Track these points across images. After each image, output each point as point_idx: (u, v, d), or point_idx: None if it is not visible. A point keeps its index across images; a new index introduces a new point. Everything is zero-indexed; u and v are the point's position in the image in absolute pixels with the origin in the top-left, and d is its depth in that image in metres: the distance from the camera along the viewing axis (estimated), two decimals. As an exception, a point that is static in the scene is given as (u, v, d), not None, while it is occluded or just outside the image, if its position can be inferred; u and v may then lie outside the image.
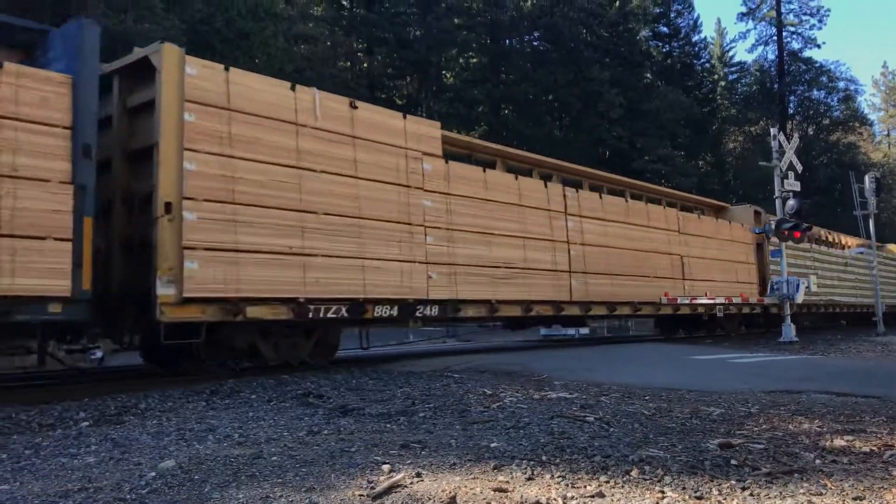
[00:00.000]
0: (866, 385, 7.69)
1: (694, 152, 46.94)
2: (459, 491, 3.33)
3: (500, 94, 39.26)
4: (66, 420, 5.82)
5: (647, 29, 49.15)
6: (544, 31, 39.44)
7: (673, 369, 9.55)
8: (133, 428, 5.33)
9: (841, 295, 23.79)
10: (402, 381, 7.95)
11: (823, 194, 47.33)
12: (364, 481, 3.57)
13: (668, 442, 4.47)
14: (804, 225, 17.05)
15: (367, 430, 5.03)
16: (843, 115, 57.43)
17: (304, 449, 4.35)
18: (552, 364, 9.47)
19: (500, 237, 11.84)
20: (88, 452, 4.51)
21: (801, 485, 3.47)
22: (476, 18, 39.40)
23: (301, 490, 3.44)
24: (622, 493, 3.33)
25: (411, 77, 39.79)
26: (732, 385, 7.67)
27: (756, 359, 11.59)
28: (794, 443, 4.51)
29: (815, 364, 10.99)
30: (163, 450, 4.48)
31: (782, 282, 17.09)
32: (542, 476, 3.61)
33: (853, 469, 3.80)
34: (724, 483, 3.48)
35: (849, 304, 24.61)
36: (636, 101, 40.32)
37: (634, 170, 34.14)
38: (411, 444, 4.43)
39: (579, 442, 4.46)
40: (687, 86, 47.64)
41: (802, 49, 54.90)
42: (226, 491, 3.46)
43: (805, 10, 54.62)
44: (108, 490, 3.53)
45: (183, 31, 23.07)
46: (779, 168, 17.63)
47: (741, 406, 6.15)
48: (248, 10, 25.11)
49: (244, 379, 8.22)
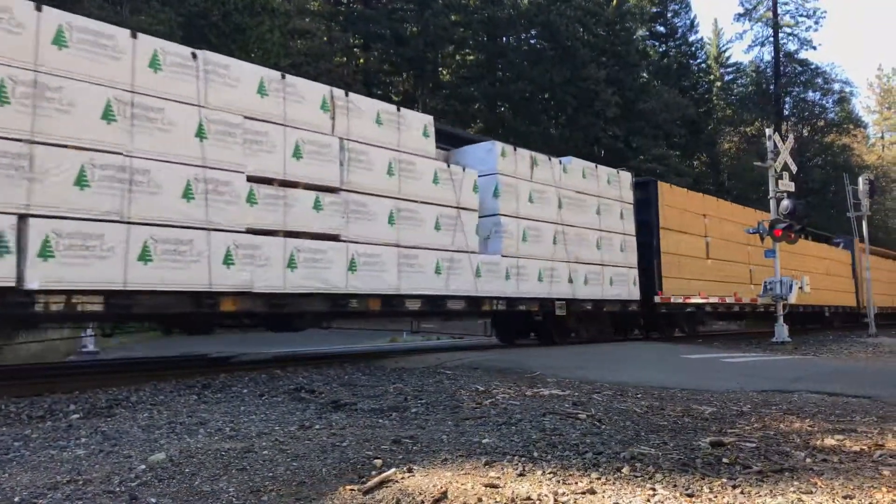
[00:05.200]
0: (857, 385, 7.72)
1: (689, 152, 47.06)
2: (450, 486, 3.32)
3: (497, 92, 39.23)
4: (56, 412, 5.79)
5: (643, 28, 49.21)
6: (541, 29, 39.40)
7: (666, 368, 9.57)
8: (124, 421, 5.30)
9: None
10: (394, 377, 7.94)
11: (817, 196, 47.50)
12: (355, 476, 3.56)
13: (659, 440, 4.47)
14: (798, 226, 17.09)
15: (359, 425, 5.02)
16: (838, 117, 57.72)
17: (296, 443, 4.34)
18: (545, 362, 9.47)
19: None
20: (78, 445, 4.48)
21: (792, 483, 3.47)
22: (473, 16, 39.33)
23: (292, 484, 3.43)
24: (613, 489, 3.33)
25: (408, 73, 39.72)
26: (725, 384, 7.69)
27: (748, 358, 11.62)
28: (785, 442, 4.52)
29: (806, 364, 11.03)
30: (153, 443, 4.46)
31: (775, 282, 17.13)
32: (533, 472, 3.60)
33: (843, 468, 3.81)
34: (715, 481, 3.48)
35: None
36: (632, 101, 40.36)
37: (629, 169, 34.11)
38: (403, 439, 4.42)
39: (571, 439, 4.46)
40: (683, 86, 47.71)
41: (798, 50, 55.24)
42: (216, 484, 3.45)
43: (801, 12, 54.95)
44: (98, 482, 3.51)
45: (179, 24, 22.99)
46: (773, 169, 17.67)
47: (733, 405, 6.16)
48: (244, 5, 25.01)
49: (236, 373, 8.20)
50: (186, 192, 7.66)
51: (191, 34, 22.54)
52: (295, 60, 27.66)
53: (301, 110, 9.01)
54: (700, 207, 18.29)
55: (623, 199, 15.12)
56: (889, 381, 8.43)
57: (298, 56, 28.94)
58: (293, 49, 29.26)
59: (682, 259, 16.96)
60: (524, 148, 13.12)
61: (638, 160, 38.07)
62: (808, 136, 53.82)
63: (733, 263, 19.34)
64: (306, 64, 28.25)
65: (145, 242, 7.25)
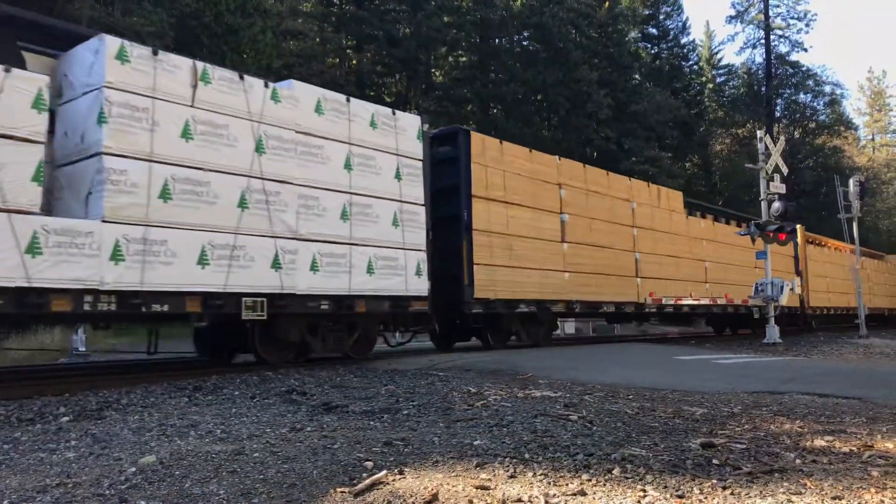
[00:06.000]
0: (847, 386, 7.75)
1: (681, 154, 47.18)
2: (441, 488, 3.32)
3: (489, 94, 39.29)
4: (46, 415, 5.76)
5: (635, 30, 49.40)
6: (533, 30, 39.47)
7: (657, 369, 9.59)
8: (114, 423, 5.29)
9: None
10: (386, 379, 7.93)
11: (809, 197, 47.73)
12: (346, 478, 3.56)
13: (650, 441, 4.48)
14: (789, 227, 17.17)
15: (351, 427, 5.02)
16: (829, 119, 58.01)
17: (287, 445, 4.33)
18: (537, 363, 9.48)
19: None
20: (68, 447, 4.47)
21: (782, 484, 3.49)
22: (466, 17, 39.37)
23: (283, 486, 3.43)
24: (604, 491, 3.34)
25: (400, 75, 39.71)
26: (716, 385, 7.71)
27: (740, 360, 11.66)
28: (776, 443, 4.53)
29: (797, 365, 11.07)
30: (144, 445, 4.45)
31: (766, 283, 17.20)
32: (524, 474, 3.61)
33: (833, 469, 3.82)
34: (705, 482, 3.49)
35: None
36: (624, 103, 40.47)
37: (622, 170, 34.15)
38: (394, 441, 4.42)
39: (562, 440, 4.47)
40: (675, 88, 47.88)
41: (790, 53, 55.49)
42: (207, 486, 3.44)
43: (793, 14, 55.18)
44: (87, 485, 3.49)
45: (171, 25, 22.95)
46: (765, 170, 17.74)
47: (724, 406, 6.18)
48: (236, 6, 24.99)
49: (227, 375, 8.18)
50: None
51: (183, 35, 22.51)
52: (287, 62, 27.64)
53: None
54: (552, 174, 14.03)
55: (404, 151, 10.60)
56: (879, 382, 8.47)
57: (291, 57, 28.91)
58: (285, 50, 29.24)
59: (514, 241, 12.71)
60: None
61: (630, 161, 38.19)
62: (799, 137, 54.06)
63: (609, 251, 15.23)
64: (299, 65, 28.23)
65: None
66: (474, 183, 11.98)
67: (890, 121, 72.80)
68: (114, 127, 7.31)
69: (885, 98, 72.77)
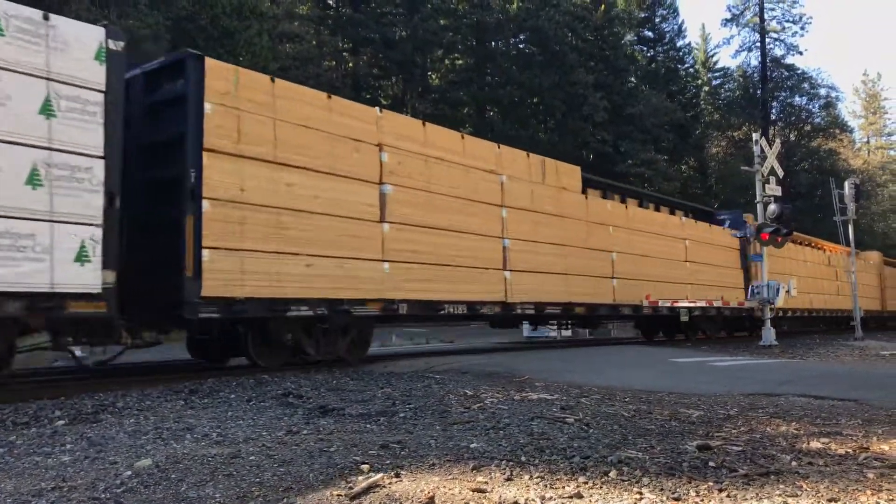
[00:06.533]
0: (843, 388, 7.77)
1: (677, 156, 47.31)
2: (438, 491, 3.32)
3: (486, 96, 39.36)
4: (42, 418, 5.74)
5: (631, 33, 49.50)
6: (530, 33, 39.58)
7: (653, 372, 9.60)
8: (110, 426, 5.27)
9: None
10: (382, 382, 7.92)
11: (804, 200, 47.86)
12: (343, 481, 3.55)
13: (646, 443, 4.49)
14: (785, 229, 17.22)
15: (347, 430, 5.01)
16: (824, 122, 58.23)
17: (283, 449, 4.32)
18: (534, 365, 9.49)
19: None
20: (63, 451, 4.45)
21: (778, 486, 3.49)
22: (462, 20, 39.45)
23: (279, 490, 3.42)
24: (600, 493, 3.34)
25: (396, 77, 39.78)
26: (712, 388, 7.72)
27: (736, 362, 11.68)
28: (772, 445, 4.54)
29: (793, 368, 11.09)
30: (140, 448, 4.44)
31: (762, 286, 17.23)
32: (520, 476, 3.61)
33: (829, 471, 3.83)
34: (701, 484, 3.50)
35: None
36: (620, 105, 40.58)
37: (618, 173, 34.37)
38: (391, 444, 4.41)
39: (559, 443, 4.47)
40: (671, 90, 47.99)
41: (785, 56, 55.68)
42: (203, 490, 3.43)
43: (788, 18, 55.40)
44: (83, 489, 3.48)
45: (167, 27, 22.93)
46: (760, 173, 17.79)
47: (720, 408, 6.19)
48: (232, 8, 24.96)
49: (224, 378, 8.16)
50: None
51: (179, 38, 22.49)
52: (283, 64, 27.63)
53: None
54: (369, 131, 10.20)
55: (63, 76, 6.86)
56: (874, 385, 8.49)
57: (287, 60, 28.90)
58: (282, 53, 29.23)
59: (291, 218, 8.94)
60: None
61: (626, 164, 38.27)
62: (794, 140, 54.25)
63: (465, 236, 11.43)
64: (295, 68, 28.23)
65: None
66: (210, 131, 8.22)
67: (885, 123, 73.23)
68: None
69: (880, 101, 73.20)
